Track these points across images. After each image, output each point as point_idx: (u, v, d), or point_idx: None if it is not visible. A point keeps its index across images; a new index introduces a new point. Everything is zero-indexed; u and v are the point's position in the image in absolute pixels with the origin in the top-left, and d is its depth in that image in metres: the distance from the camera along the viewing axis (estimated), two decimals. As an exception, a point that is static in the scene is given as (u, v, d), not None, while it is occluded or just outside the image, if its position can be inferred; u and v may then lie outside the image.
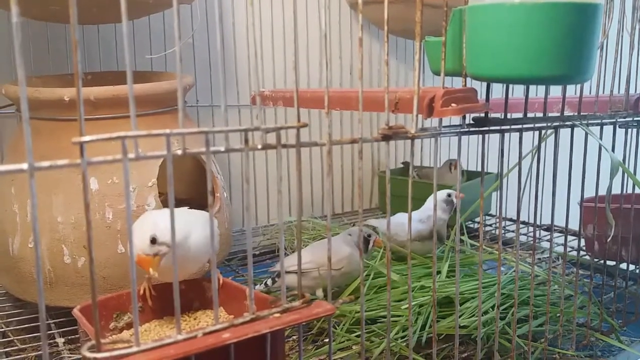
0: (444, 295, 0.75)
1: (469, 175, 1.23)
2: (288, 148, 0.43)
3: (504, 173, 0.61)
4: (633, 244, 0.80)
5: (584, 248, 0.97)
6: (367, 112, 0.50)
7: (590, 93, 0.72)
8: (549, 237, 0.83)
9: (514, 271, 0.66)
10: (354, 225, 1.21)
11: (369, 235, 0.83)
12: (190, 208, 0.66)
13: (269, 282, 0.81)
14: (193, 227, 0.60)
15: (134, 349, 0.36)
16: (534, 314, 0.67)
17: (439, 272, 0.82)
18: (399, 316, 0.73)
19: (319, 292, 0.79)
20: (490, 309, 0.71)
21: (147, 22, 1.04)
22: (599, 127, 0.66)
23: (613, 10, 0.66)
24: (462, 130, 0.54)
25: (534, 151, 0.62)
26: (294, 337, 0.73)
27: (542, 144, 0.61)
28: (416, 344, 0.69)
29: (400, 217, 0.90)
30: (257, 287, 0.81)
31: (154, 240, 0.55)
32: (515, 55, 0.47)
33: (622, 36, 0.68)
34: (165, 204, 0.75)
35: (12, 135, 0.83)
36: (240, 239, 1.10)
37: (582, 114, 0.63)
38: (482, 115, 0.55)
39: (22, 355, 0.70)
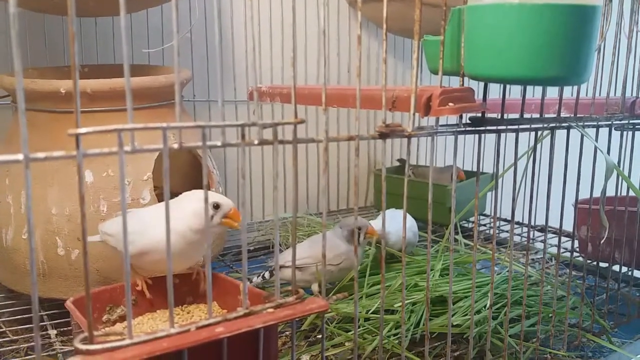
0: (438, 294, 0.75)
1: (465, 174, 1.24)
2: (285, 144, 0.43)
3: (500, 173, 0.61)
4: (626, 246, 0.81)
5: (578, 249, 0.97)
6: (364, 109, 0.50)
7: (586, 95, 0.72)
8: (542, 237, 0.83)
9: (508, 271, 0.66)
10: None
11: (360, 228, 0.80)
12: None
13: (267, 274, 0.81)
14: None
15: (127, 341, 0.36)
16: (526, 314, 0.67)
17: (432, 270, 0.82)
18: (393, 313, 0.73)
19: (315, 287, 0.79)
20: (483, 309, 0.72)
21: (145, 16, 1.04)
22: (594, 129, 0.67)
23: (611, 13, 0.66)
24: (458, 129, 0.54)
25: (529, 152, 0.62)
26: (287, 332, 0.73)
27: (538, 145, 0.62)
28: (409, 341, 0.69)
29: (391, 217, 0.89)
30: (255, 279, 0.81)
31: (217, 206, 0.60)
32: (513, 55, 0.47)
33: (619, 39, 0.68)
34: (160, 198, 0.75)
35: (7, 127, 0.83)
36: (235, 234, 1.10)
37: (578, 115, 0.63)
38: (479, 115, 0.55)
39: (14, 347, 0.70)
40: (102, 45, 1.02)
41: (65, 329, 0.72)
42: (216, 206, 0.60)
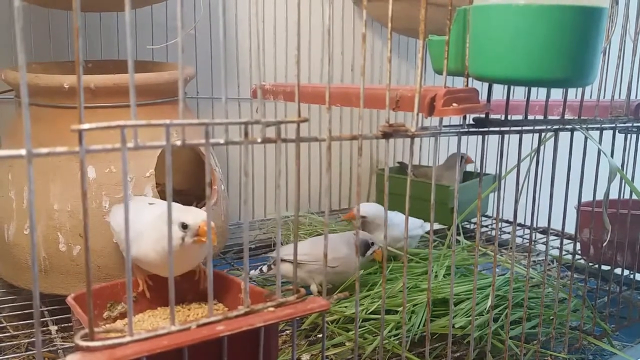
0: (440, 296, 0.75)
1: (467, 175, 1.23)
2: (287, 142, 0.43)
3: (503, 175, 0.61)
4: (628, 250, 0.80)
5: (579, 252, 0.97)
6: (367, 109, 0.50)
7: (591, 97, 0.72)
8: (544, 239, 0.83)
9: (509, 273, 0.66)
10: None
11: (372, 243, 0.82)
12: (186, 199, 0.66)
13: (264, 268, 0.81)
14: None
15: (127, 338, 0.36)
16: (527, 316, 0.67)
17: (435, 273, 0.82)
18: (394, 313, 0.73)
19: (314, 287, 0.79)
20: (484, 310, 0.71)
21: (149, 12, 1.04)
22: (598, 132, 0.66)
23: (617, 15, 0.66)
24: (462, 130, 0.54)
25: (532, 154, 0.62)
26: (288, 331, 0.73)
27: (542, 147, 0.61)
28: (410, 342, 0.69)
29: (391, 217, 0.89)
30: (252, 272, 0.81)
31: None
32: (518, 56, 0.47)
33: (624, 42, 0.68)
34: (162, 195, 0.75)
35: (10, 121, 0.83)
36: (237, 232, 1.10)
37: (582, 118, 0.63)
38: (483, 116, 0.55)
39: (15, 342, 0.70)
40: (106, 41, 1.02)
41: (66, 325, 0.72)
42: (184, 226, 0.56)
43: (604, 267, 0.83)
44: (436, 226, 1.06)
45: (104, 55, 1.01)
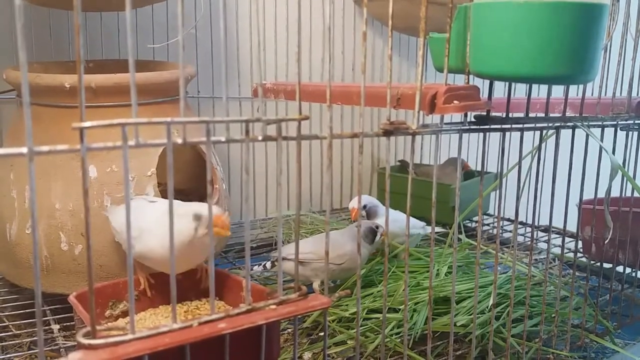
0: (443, 294, 0.75)
1: (468, 174, 1.23)
2: (289, 140, 0.43)
3: (504, 173, 0.61)
4: (630, 247, 0.80)
5: (581, 250, 0.97)
6: (368, 107, 0.50)
7: (592, 95, 0.71)
8: (546, 237, 0.83)
9: (511, 271, 0.66)
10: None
11: (377, 227, 0.81)
12: (187, 199, 0.66)
13: (268, 264, 0.81)
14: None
15: (130, 336, 0.36)
16: (529, 314, 0.67)
17: (437, 271, 0.82)
18: (396, 311, 0.73)
19: (316, 285, 0.79)
20: (486, 308, 0.71)
21: (150, 11, 1.04)
22: (600, 129, 0.66)
23: (618, 12, 0.66)
24: (463, 127, 0.54)
25: (534, 151, 0.62)
26: (290, 329, 0.73)
27: (543, 145, 0.61)
28: (411, 340, 0.69)
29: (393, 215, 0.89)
30: (255, 267, 0.81)
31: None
32: (519, 53, 0.47)
33: (626, 39, 0.68)
34: (164, 194, 0.75)
35: (12, 121, 0.83)
36: (238, 231, 1.10)
37: (583, 115, 0.63)
38: (484, 113, 0.55)
39: (17, 341, 0.70)
40: (107, 40, 1.02)
41: (68, 324, 0.72)
42: (197, 217, 0.57)
43: (605, 265, 0.83)
44: (439, 229, 1.06)
45: (105, 55, 1.01)
